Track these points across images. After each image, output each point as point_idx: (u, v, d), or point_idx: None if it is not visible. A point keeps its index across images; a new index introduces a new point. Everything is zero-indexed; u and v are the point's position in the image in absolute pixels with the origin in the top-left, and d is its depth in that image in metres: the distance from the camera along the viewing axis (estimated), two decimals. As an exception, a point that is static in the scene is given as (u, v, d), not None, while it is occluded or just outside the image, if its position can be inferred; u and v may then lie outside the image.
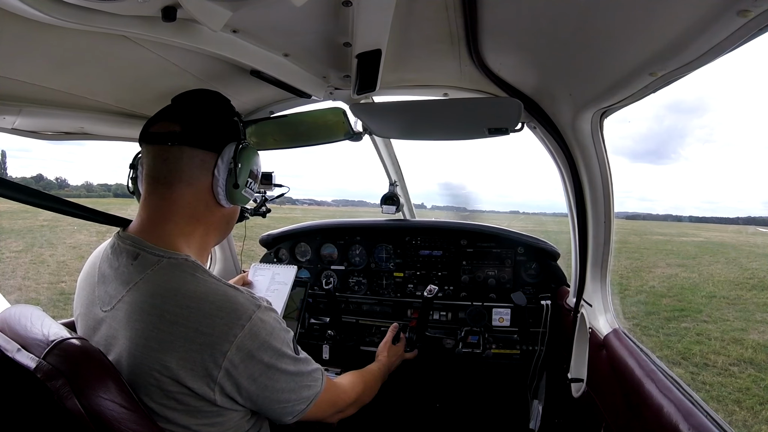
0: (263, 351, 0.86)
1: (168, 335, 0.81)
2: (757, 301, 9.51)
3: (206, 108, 1.03)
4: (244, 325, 0.84)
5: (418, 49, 1.23)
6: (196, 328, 0.81)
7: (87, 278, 1.01)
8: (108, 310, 0.90)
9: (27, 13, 0.68)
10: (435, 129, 1.69)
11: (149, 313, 0.83)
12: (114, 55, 1.01)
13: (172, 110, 1.01)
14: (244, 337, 0.84)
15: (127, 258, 0.92)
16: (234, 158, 0.98)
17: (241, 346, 0.83)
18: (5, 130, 1.19)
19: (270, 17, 0.97)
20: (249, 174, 1.03)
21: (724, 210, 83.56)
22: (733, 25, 0.66)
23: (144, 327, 0.82)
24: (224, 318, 0.83)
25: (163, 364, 0.81)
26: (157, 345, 0.81)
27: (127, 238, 0.95)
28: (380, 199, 2.34)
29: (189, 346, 0.81)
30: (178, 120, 0.97)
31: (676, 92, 74.35)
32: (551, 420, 2.09)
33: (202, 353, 0.81)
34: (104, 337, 0.89)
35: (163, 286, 0.86)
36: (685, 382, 1.17)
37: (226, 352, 0.82)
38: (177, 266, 0.89)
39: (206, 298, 0.84)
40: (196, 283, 0.86)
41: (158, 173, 0.96)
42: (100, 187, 23.94)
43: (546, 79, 1.27)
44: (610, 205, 1.47)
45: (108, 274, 0.94)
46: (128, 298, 0.87)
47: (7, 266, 9.57)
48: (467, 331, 2.25)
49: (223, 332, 0.82)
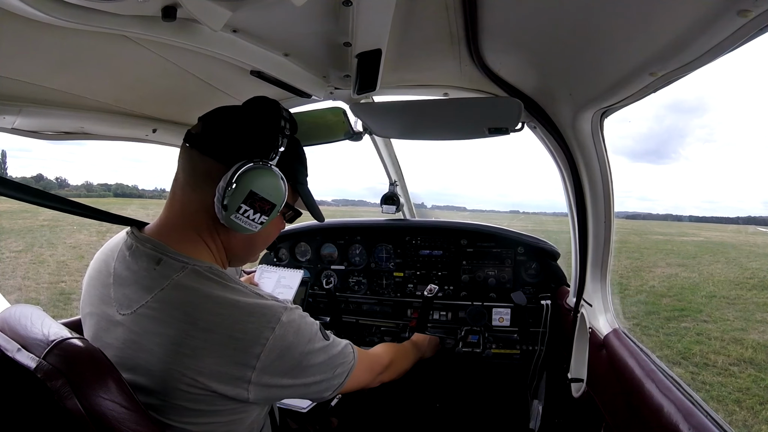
0: (293, 348, 0.89)
1: (202, 342, 0.82)
2: (757, 301, 9.52)
3: (236, 115, 0.98)
4: (274, 327, 0.86)
5: (418, 49, 1.23)
6: (230, 333, 0.83)
7: (98, 277, 0.98)
8: (128, 314, 0.88)
9: (27, 13, 0.68)
10: (435, 129, 1.69)
11: (180, 320, 0.83)
12: (114, 55, 1.01)
13: (212, 112, 0.98)
14: (275, 338, 0.86)
15: (149, 262, 0.90)
16: (230, 178, 0.88)
17: (272, 347, 0.86)
18: (5, 130, 1.19)
19: (270, 17, 0.97)
20: (245, 200, 0.90)
21: (725, 210, 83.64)
22: (733, 25, 0.66)
23: (176, 334, 0.83)
24: (255, 322, 0.85)
25: (197, 369, 0.82)
26: (191, 351, 0.82)
27: (147, 241, 0.93)
28: (380, 199, 2.35)
29: (223, 351, 0.83)
30: (205, 122, 0.97)
31: (676, 92, 74.50)
32: (551, 420, 2.09)
33: (236, 357, 0.83)
34: (122, 340, 0.88)
35: (194, 294, 0.86)
36: (685, 382, 1.17)
37: (259, 354, 0.84)
38: (202, 273, 0.89)
39: (237, 305, 0.86)
40: (225, 290, 0.87)
41: (177, 174, 0.97)
42: (100, 186, 23.95)
43: (546, 79, 1.27)
44: (610, 204, 1.46)
45: (126, 276, 0.92)
46: (154, 304, 0.86)
47: (7, 266, 9.58)
48: (467, 330, 2.25)
49: (255, 335, 0.84)
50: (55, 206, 0.99)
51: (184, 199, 0.95)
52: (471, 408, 2.43)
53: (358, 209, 14.83)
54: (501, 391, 2.39)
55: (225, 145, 0.93)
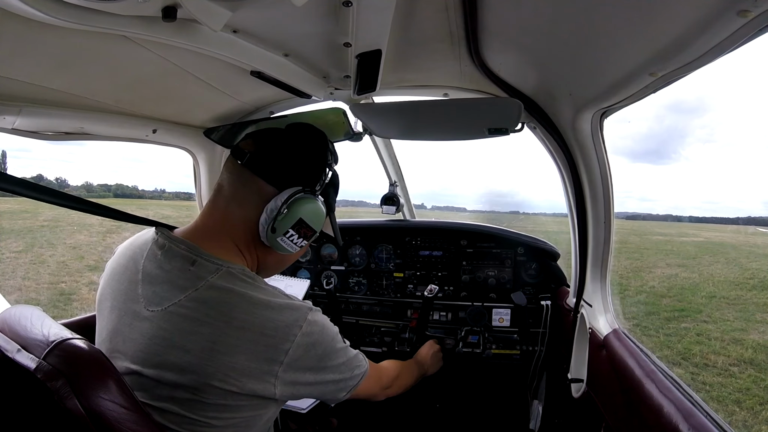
0: (318, 345, 0.95)
1: (236, 339, 0.86)
2: (757, 301, 9.52)
3: (289, 141, 1.04)
4: (302, 325, 0.91)
5: (418, 49, 1.23)
6: (261, 331, 0.88)
7: (124, 273, 1.00)
8: (157, 311, 0.90)
9: (27, 13, 0.68)
10: (435, 129, 1.69)
11: (216, 318, 0.87)
12: (114, 55, 1.01)
13: (264, 132, 1.05)
14: (303, 335, 0.91)
15: (183, 262, 0.93)
16: (282, 204, 0.97)
17: (299, 344, 0.91)
18: (5, 130, 1.19)
19: (270, 17, 0.97)
20: (294, 225, 0.99)
21: (725, 210, 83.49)
22: (733, 25, 0.66)
23: (211, 332, 0.86)
24: (284, 320, 0.90)
25: (230, 366, 0.85)
26: (225, 348, 0.86)
27: (181, 242, 0.96)
28: (380, 200, 2.34)
29: (255, 348, 0.87)
30: (258, 142, 1.02)
31: (676, 92, 74.49)
32: (551, 420, 2.09)
33: (266, 353, 0.88)
34: (149, 336, 0.89)
35: (228, 294, 0.90)
36: (685, 382, 1.17)
37: (288, 350, 0.89)
38: (236, 275, 0.93)
39: (268, 305, 0.91)
40: (257, 291, 0.92)
41: (223, 184, 1.02)
42: (100, 187, 23.95)
43: (546, 79, 1.27)
44: (610, 205, 1.47)
45: (156, 275, 0.94)
46: (188, 303, 0.89)
47: (7, 266, 9.58)
48: (467, 330, 2.25)
49: (284, 333, 0.90)
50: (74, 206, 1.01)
51: (228, 211, 1.01)
52: (471, 408, 2.43)
53: (358, 209, 14.84)
54: (501, 392, 2.39)
55: (278, 169, 1.00)
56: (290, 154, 1.03)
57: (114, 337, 0.95)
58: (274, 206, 0.97)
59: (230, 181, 1.01)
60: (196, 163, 1.89)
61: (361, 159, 3.12)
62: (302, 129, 1.09)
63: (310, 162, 1.05)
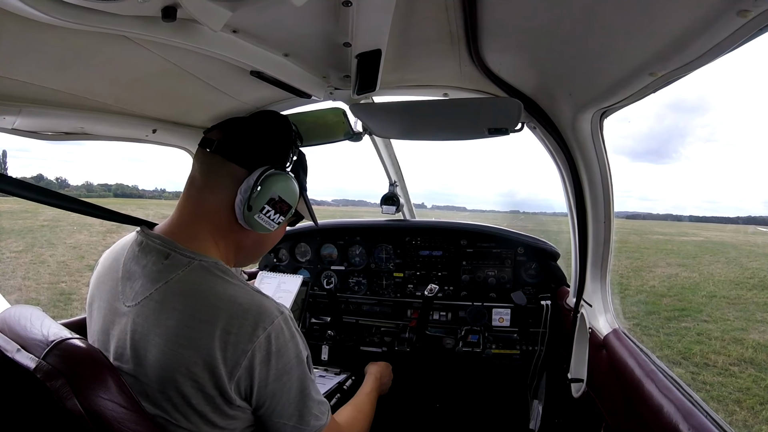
0: (279, 356, 0.90)
1: (197, 332, 0.85)
2: (757, 301, 9.52)
3: (255, 125, 1.07)
4: (267, 327, 0.88)
5: (418, 49, 1.23)
6: (224, 327, 0.85)
7: (108, 273, 1.01)
8: (132, 306, 0.91)
9: (27, 13, 0.68)
10: (435, 129, 1.69)
11: (181, 311, 0.86)
12: (114, 55, 1.01)
13: (228, 121, 1.06)
14: (266, 340, 0.87)
15: (157, 257, 0.94)
16: (255, 181, 0.98)
17: (260, 347, 0.87)
18: (5, 130, 1.19)
19: (270, 17, 0.97)
20: (269, 201, 1.00)
21: (725, 209, 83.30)
22: (733, 25, 0.66)
23: (176, 324, 0.85)
24: (250, 320, 0.87)
25: (191, 360, 0.84)
26: (187, 342, 0.84)
27: (157, 238, 0.97)
28: (380, 200, 2.34)
29: (216, 344, 0.84)
30: (224, 130, 1.03)
31: (677, 91, 74.50)
32: (551, 420, 2.09)
33: (226, 351, 0.85)
34: (126, 331, 0.90)
35: (196, 287, 0.89)
36: (685, 382, 1.17)
37: (248, 351, 0.86)
38: (207, 269, 0.92)
39: (235, 301, 0.88)
40: (226, 285, 0.91)
41: (194, 176, 1.02)
42: (100, 187, 23.93)
43: (546, 79, 1.27)
44: (610, 204, 1.47)
45: (135, 271, 0.95)
46: (157, 296, 0.89)
47: (7, 266, 9.58)
48: (467, 330, 2.25)
49: (247, 333, 0.86)
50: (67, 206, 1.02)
51: (201, 200, 1.01)
52: (471, 408, 2.43)
53: (358, 209, 14.82)
54: (501, 391, 2.39)
55: (248, 151, 1.02)
56: (257, 135, 1.05)
57: (101, 336, 0.95)
58: (247, 186, 0.98)
59: (201, 171, 1.02)
60: (196, 163, 1.89)
61: (361, 159, 3.11)
62: (266, 114, 1.12)
63: (277, 141, 1.07)
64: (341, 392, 1.75)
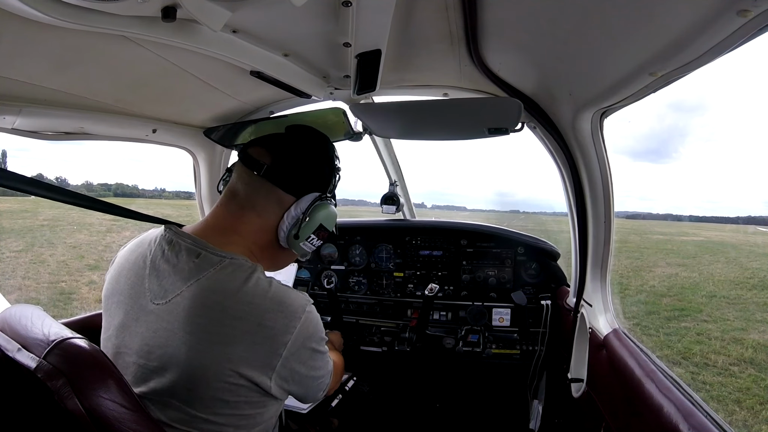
0: (311, 340, 0.97)
1: (231, 329, 0.87)
2: (757, 301, 9.51)
3: (302, 150, 1.10)
4: (300, 317, 0.93)
5: (418, 49, 1.23)
6: (259, 322, 0.89)
7: (132, 269, 1.01)
8: (161, 303, 0.92)
9: (27, 13, 0.68)
10: (435, 129, 1.69)
11: (212, 308, 0.88)
12: (114, 55, 1.01)
13: (273, 140, 1.09)
14: (301, 329, 0.93)
15: (188, 255, 0.95)
16: (305, 211, 1.03)
17: (298, 336, 0.92)
18: (5, 130, 1.19)
19: (270, 17, 0.97)
20: (315, 230, 1.06)
21: (725, 209, 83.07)
22: (733, 25, 0.66)
23: (207, 322, 0.87)
24: (284, 312, 0.91)
25: (226, 356, 0.86)
26: (220, 338, 0.87)
27: (188, 237, 0.99)
28: (380, 199, 2.34)
29: (252, 339, 0.88)
30: (272, 153, 1.05)
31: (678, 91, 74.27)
32: (551, 420, 2.09)
33: (264, 345, 0.89)
34: (153, 329, 0.91)
35: (227, 284, 0.91)
36: (685, 382, 1.17)
37: (287, 342, 0.91)
38: (239, 267, 0.94)
39: (266, 296, 0.92)
40: (257, 282, 0.93)
41: (237, 191, 1.04)
42: (100, 186, 23.91)
43: (546, 79, 1.27)
44: (610, 204, 1.47)
45: (164, 269, 0.96)
46: (188, 294, 0.90)
47: (7, 266, 9.58)
48: (467, 330, 2.25)
49: (283, 325, 0.91)
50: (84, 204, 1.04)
51: (244, 218, 1.03)
52: (471, 408, 2.43)
53: (358, 209, 14.82)
54: (501, 391, 2.39)
55: (296, 179, 1.05)
56: (306, 163, 1.08)
57: (121, 332, 0.96)
58: (296, 214, 1.03)
59: (247, 192, 1.04)
60: (196, 162, 1.89)
61: (361, 159, 3.11)
62: (309, 135, 1.15)
63: (323, 169, 1.11)
64: (342, 392, 1.75)
